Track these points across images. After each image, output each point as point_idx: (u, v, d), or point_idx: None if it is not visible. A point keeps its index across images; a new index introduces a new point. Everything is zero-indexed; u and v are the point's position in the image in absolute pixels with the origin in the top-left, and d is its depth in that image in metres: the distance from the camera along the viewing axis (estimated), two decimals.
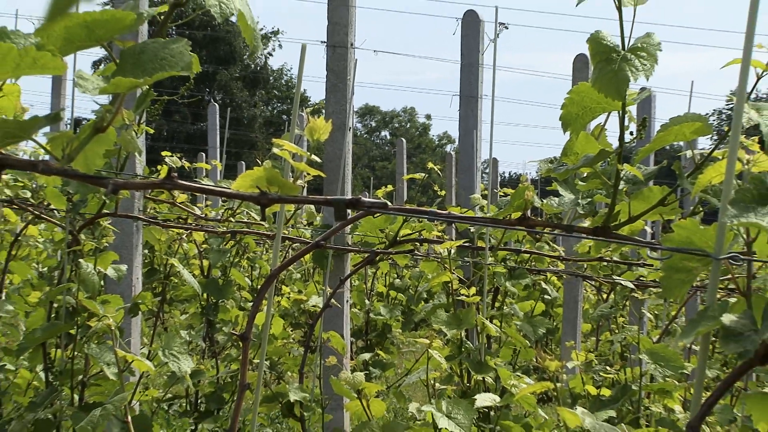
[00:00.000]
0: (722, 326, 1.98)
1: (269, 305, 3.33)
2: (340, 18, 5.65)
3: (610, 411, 3.17)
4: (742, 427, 3.73)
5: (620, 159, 2.37)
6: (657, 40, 2.33)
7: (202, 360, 6.82)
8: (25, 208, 5.29)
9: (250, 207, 6.42)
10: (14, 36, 1.66)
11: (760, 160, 2.27)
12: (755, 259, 2.17)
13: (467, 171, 6.95)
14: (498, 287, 5.86)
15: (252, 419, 3.15)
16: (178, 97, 4.30)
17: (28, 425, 3.90)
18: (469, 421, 3.70)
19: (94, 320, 3.69)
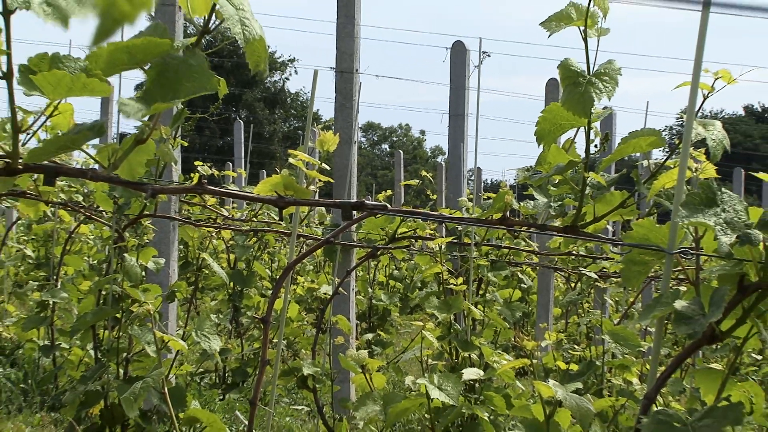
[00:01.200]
0: (675, 311, 1.98)
1: (286, 293, 3.33)
2: (346, 48, 5.65)
3: (578, 383, 3.16)
4: (691, 398, 3.72)
5: (586, 168, 2.37)
6: (617, 65, 2.32)
7: (229, 339, 6.82)
8: (77, 210, 5.29)
9: (270, 209, 6.42)
10: (66, 61, 1.66)
11: (707, 168, 2.27)
12: (702, 253, 2.17)
13: (455, 178, 6.95)
14: (481, 277, 5.85)
15: (271, 390, 3.15)
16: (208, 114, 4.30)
17: (80, 395, 3.90)
18: (457, 391, 3.70)
19: (137, 306, 3.69)
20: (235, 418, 4.89)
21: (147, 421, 3.91)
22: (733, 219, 1.97)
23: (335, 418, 5.48)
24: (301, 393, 5.97)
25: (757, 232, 1.95)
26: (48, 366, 5.75)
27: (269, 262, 7.65)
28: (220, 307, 7.27)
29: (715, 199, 2.00)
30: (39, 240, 7.36)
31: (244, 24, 1.84)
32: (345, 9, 5.65)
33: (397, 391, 4.09)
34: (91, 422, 3.93)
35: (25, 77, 1.66)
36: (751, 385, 2.79)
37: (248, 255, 6.85)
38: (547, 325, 6.90)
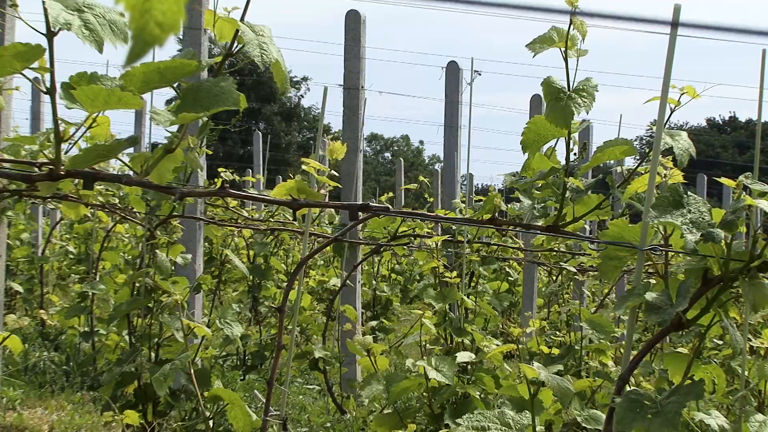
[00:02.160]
0: (646, 302, 1.98)
1: (300, 285, 3.32)
2: (353, 67, 5.65)
3: (559, 365, 3.15)
4: (659, 378, 3.72)
5: (566, 174, 2.36)
6: (594, 83, 2.32)
7: (248, 326, 6.81)
8: (114, 211, 5.29)
9: (285, 210, 6.41)
10: (103, 79, 1.65)
11: (674, 174, 2.26)
12: (671, 249, 2.16)
13: (450, 183, 6.94)
14: (473, 271, 5.85)
15: (286, 371, 3.14)
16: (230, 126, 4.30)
17: (116, 376, 3.90)
18: (452, 372, 3.69)
19: (166, 296, 3.69)
20: (254, 397, 4.89)
21: (175, 398, 3.91)
22: (698, 219, 1.96)
23: (343, 396, 5.47)
24: (313, 374, 5.97)
25: (719, 230, 1.94)
26: (87, 350, 5.75)
27: (284, 257, 7.64)
28: (241, 298, 7.27)
29: (682, 201, 1.99)
30: (80, 238, 7.36)
31: (262, 48, 1.84)
32: (352, 33, 5.65)
33: (399, 373, 4.08)
34: (125, 400, 3.93)
35: (66, 92, 1.66)
36: (714, 368, 2.78)
37: (266, 251, 6.85)
38: (531, 313, 6.89)
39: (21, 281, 7.16)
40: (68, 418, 4.66)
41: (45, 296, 7.02)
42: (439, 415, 3.92)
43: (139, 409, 3.80)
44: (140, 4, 0.71)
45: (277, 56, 1.86)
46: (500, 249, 6.49)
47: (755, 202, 1.96)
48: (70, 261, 7.53)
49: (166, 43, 0.75)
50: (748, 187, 2.04)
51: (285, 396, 2.93)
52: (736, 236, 2.00)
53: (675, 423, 1.83)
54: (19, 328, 2.91)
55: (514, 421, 2.53)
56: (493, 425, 2.43)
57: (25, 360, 5.62)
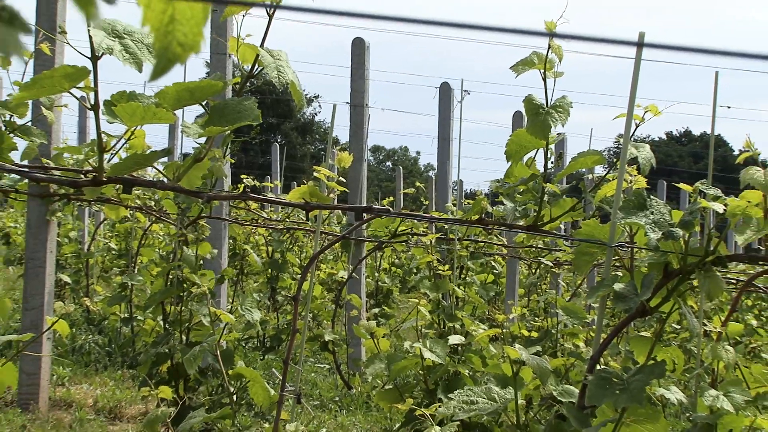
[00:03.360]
0: (614, 291, 1.97)
1: (312, 277, 3.31)
2: (358, 87, 5.64)
3: (537, 347, 3.14)
4: (624, 358, 3.70)
5: (545, 180, 2.36)
6: (569, 100, 2.32)
7: (267, 313, 6.80)
8: (150, 212, 5.29)
9: (299, 212, 6.41)
10: (141, 97, 1.65)
11: (639, 180, 2.26)
12: (636, 246, 2.15)
13: (443, 188, 6.93)
14: (463, 265, 5.84)
15: (300, 352, 3.13)
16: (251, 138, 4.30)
17: (152, 356, 3.89)
18: (444, 353, 3.69)
19: (195, 287, 3.68)
20: (272, 374, 4.88)
21: (204, 376, 3.90)
22: (660, 219, 1.96)
23: (350, 374, 5.47)
24: (323, 354, 5.97)
25: (679, 229, 1.94)
26: (127, 334, 5.75)
27: (298, 252, 7.63)
28: (261, 288, 7.26)
29: (646, 204, 1.99)
30: (120, 236, 7.35)
31: (279, 70, 1.84)
32: (357, 57, 5.65)
33: (398, 353, 4.08)
34: (160, 377, 3.92)
35: (108, 109, 1.66)
36: (673, 350, 2.77)
37: (282, 247, 6.84)
38: (513, 301, 6.88)
39: (69, 273, 7.16)
40: (110, 393, 4.65)
41: (90, 286, 7.02)
42: (433, 390, 3.91)
43: (172, 385, 3.80)
44: (164, 26, 0.70)
45: (293, 77, 1.86)
46: (486, 246, 6.49)
47: (709, 205, 1.96)
48: (111, 256, 7.53)
49: (187, 60, 0.74)
50: (703, 191, 2.04)
51: (299, 374, 2.93)
52: (693, 234, 2.00)
53: (639, 398, 1.82)
54: (66, 314, 2.90)
55: (499, 395, 2.53)
56: (480, 399, 2.42)
57: (72, 342, 5.62)
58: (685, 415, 4.86)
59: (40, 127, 3.65)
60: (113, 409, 4.39)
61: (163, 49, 0.71)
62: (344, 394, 5.10)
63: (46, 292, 4.15)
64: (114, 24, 1.49)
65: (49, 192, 4.06)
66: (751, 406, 2.83)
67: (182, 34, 0.71)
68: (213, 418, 3.28)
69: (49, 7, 3.99)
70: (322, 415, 4.61)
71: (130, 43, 1.49)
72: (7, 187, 3.80)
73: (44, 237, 4.16)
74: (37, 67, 3.74)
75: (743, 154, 2.06)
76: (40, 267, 4.15)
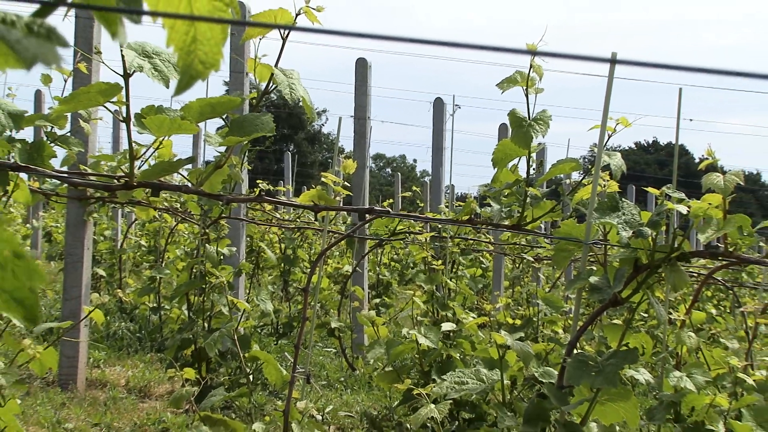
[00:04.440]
0: (589, 284, 1.96)
1: (320, 270, 3.31)
2: (361, 102, 5.64)
3: (521, 333, 3.14)
4: (598, 343, 3.70)
5: (527, 184, 2.35)
6: (549, 114, 2.31)
7: (280, 303, 6.80)
8: (176, 213, 5.28)
9: (309, 213, 6.40)
10: (168, 111, 1.65)
11: (611, 185, 2.25)
12: (609, 243, 2.15)
13: (436, 192, 6.93)
14: (454, 260, 5.83)
15: (309, 338, 3.12)
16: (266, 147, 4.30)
17: (178, 341, 3.89)
18: (438, 339, 3.68)
19: (215, 279, 3.67)
20: (285, 357, 4.87)
21: (223, 358, 3.90)
22: (631, 219, 1.95)
23: (354, 357, 5.46)
24: (330, 340, 5.96)
25: (647, 228, 1.93)
26: (155, 321, 5.74)
27: (308, 249, 7.62)
28: (274, 281, 7.25)
29: (618, 206, 1.98)
30: (149, 234, 7.34)
31: (291, 88, 1.83)
32: (360, 75, 5.64)
33: (396, 339, 4.07)
34: (185, 360, 3.91)
35: (138, 121, 1.65)
36: (642, 336, 2.77)
37: (294, 244, 6.83)
38: (499, 292, 6.87)
39: (104, 268, 7.15)
40: (140, 374, 4.64)
41: (122, 279, 7.01)
42: (428, 372, 3.90)
43: (195, 367, 3.79)
44: (186, 46, 0.70)
45: (303, 94, 1.85)
46: (475, 243, 6.48)
47: (675, 207, 1.95)
48: (142, 252, 7.52)
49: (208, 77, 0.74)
50: (669, 195, 2.03)
51: (308, 357, 2.92)
52: (660, 233, 1.99)
53: (614, 380, 1.81)
54: (101, 304, 2.89)
55: (487, 376, 2.52)
56: (470, 380, 2.41)
57: (106, 329, 5.61)
58: (652, 393, 4.85)
59: (78, 138, 3.65)
60: (143, 389, 4.38)
61: (186, 67, 0.70)
62: (349, 375, 5.09)
63: (84, 284, 4.14)
64: (144, 45, 1.48)
65: (86, 195, 4.05)
66: (711, 386, 2.82)
67: (203, 53, 0.71)
68: (232, 396, 3.28)
69: (86, 31, 3.99)
70: (329, 394, 4.60)
71: (158, 62, 1.48)
72: (48, 191, 3.79)
73: (82, 235, 4.15)
74: (75, 84, 3.74)
75: (705, 161, 2.06)
76: (78, 262, 4.14)
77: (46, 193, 3.80)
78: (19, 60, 0.43)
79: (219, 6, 0.70)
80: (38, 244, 10.51)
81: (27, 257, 0.50)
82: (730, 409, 2.75)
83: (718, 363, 3.04)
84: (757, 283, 7.50)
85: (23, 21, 0.47)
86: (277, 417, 2.85)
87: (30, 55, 0.43)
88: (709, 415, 2.70)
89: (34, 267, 0.50)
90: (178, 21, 0.69)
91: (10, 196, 2.70)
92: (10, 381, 2.20)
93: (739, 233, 1.97)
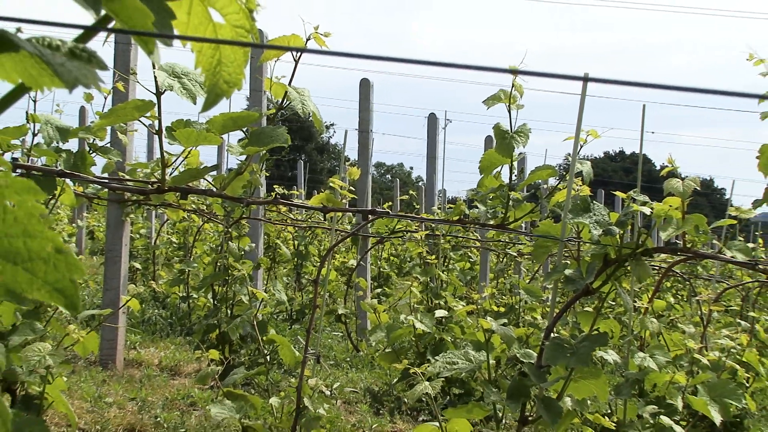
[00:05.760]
0: (565, 276, 1.96)
1: (328, 264, 3.30)
2: (365, 117, 5.63)
3: (504, 319, 3.13)
4: (572, 328, 3.69)
5: (510, 189, 2.34)
6: (528, 127, 2.30)
7: (293, 293, 6.79)
8: (202, 214, 5.27)
9: (319, 214, 6.39)
10: (195, 124, 1.64)
11: (584, 189, 2.24)
12: (582, 240, 2.14)
13: (430, 196, 6.92)
14: (446, 255, 5.82)
15: (319, 323, 3.12)
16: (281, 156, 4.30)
17: (204, 326, 3.88)
18: (432, 324, 3.68)
19: (237, 272, 3.66)
20: (297, 340, 4.87)
21: (244, 341, 3.89)
22: (601, 220, 1.94)
23: (358, 340, 5.45)
24: (337, 325, 5.95)
25: (615, 227, 1.92)
26: (184, 309, 5.74)
27: (318, 245, 7.62)
28: (288, 273, 7.25)
29: (590, 207, 1.97)
30: (179, 232, 7.33)
31: (303, 103, 1.83)
32: (364, 93, 5.64)
33: (395, 324, 4.07)
34: (210, 343, 3.91)
35: (169, 133, 1.65)
36: (611, 321, 2.76)
37: (305, 241, 6.82)
38: (485, 283, 6.85)
39: (140, 262, 7.14)
40: (171, 355, 4.64)
41: (156, 272, 7.00)
42: (423, 353, 3.90)
43: (219, 349, 3.79)
44: (212, 68, 0.70)
45: (314, 109, 1.85)
46: (464, 240, 6.48)
47: (639, 208, 1.95)
48: (173, 248, 7.51)
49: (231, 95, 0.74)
50: (634, 198, 2.03)
51: (318, 340, 2.91)
52: (626, 231, 1.99)
53: (586, 361, 1.81)
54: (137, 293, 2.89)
55: (475, 357, 2.51)
56: (460, 360, 2.40)
57: (142, 315, 5.60)
58: (619, 372, 4.84)
59: (117, 148, 3.64)
60: (174, 368, 4.37)
61: (212, 86, 0.70)
62: (354, 356, 5.08)
63: (122, 276, 4.14)
64: (173, 66, 1.48)
65: (123, 198, 4.05)
66: (670, 365, 2.82)
67: (227, 74, 0.71)
68: (251, 374, 3.27)
69: (124, 55, 3.99)
70: (337, 372, 4.60)
71: (186, 81, 1.48)
72: (91, 195, 3.79)
73: (120, 233, 4.15)
74: (114, 101, 3.73)
75: (666, 168, 2.05)
76: (117, 257, 4.14)
77: (89, 196, 3.80)
78: (62, 81, 0.43)
79: (241, 32, 0.69)
80: (82, 241, 10.50)
81: (68, 252, 0.50)
82: (687, 385, 2.75)
83: (677, 345, 3.04)
84: (710, 275, 7.50)
85: (67, 46, 0.46)
86: (290, 392, 2.84)
87: (72, 77, 0.43)
88: (669, 391, 2.70)
89: (73, 261, 0.50)
90: (205, 45, 0.69)
91: (57, 200, 2.70)
92: (57, 361, 2.20)
93: (695, 231, 1.97)
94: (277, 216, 6.63)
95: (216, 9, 0.68)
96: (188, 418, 3.34)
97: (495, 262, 8.27)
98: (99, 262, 8.45)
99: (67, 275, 0.49)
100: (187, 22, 0.66)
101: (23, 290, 0.49)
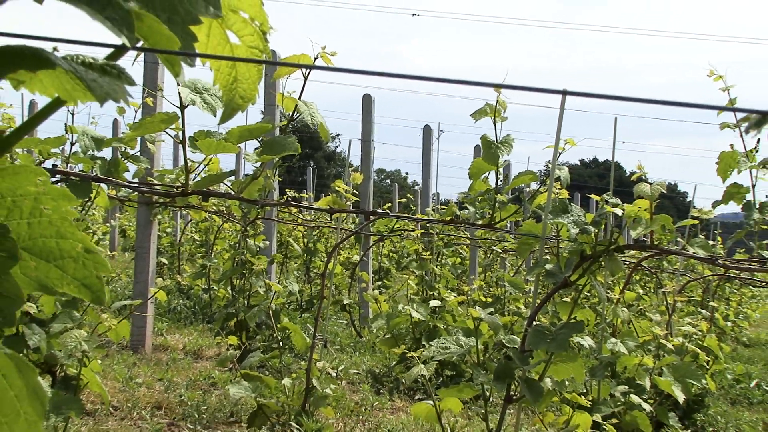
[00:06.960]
0: (546, 270, 1.95)
1: (335, 260, 3.30)
2: (367, 128, 5.62)
3: (491, 309, 3.12)
4: (551, 316, 3.68)
5: (496, 192, 2.34)
6: (512, 138, 2.30)
7: (303, 285, 6.78)
8: (222, 215, 5.27)
9: (326, 214, 6.38)
10: (215, 135, 1.64)
11: (562, 193, 2.24)
12: (561, 238, 2.13)
13: (425, 198, 6.91)
14: (439, 251, 5.82)
15: (326, 312, 3.11)
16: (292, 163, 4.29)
17: (224, 315, 3.87)
18: (427, 313, 3.67)
19: (254, 266, 3.66)
20: (307, 328, 4.86)
21: (259, 328, 3.88)
22: (578, 220, 1.94)
23: (361, 327, 5.45)
24: (342, 314, 5.94)
25: (591, 227, 1.92)
26: (206, 299, 5.73)
27: (325, 243, 7.60)
28: (299, 268, 7.24)
29: (568, 209, 1.97)
30: (202, 231, 7.32)
31: (312, 115, 1.82)
32: (366, 107, 5.63)
33: (394, 313, 4.06)
34: (229, 330, 3.90)
35: (192, 143, 1.64)
36: (587, 311, 2.76)
37: (314, 239, 6.81)
38: (474, 277, 6.85)
39: (166, 257, 7.13)
40: (194, 341, 4.63)
41: (180, 266, 6.99)
42: (419, 339, 3.90)
43: (237, 335, 3.78)
44: (229, 84, 0.70)
45: (321, 120, 1.84)
46: (456, 238, 6.47)
47: (612, 210, 1.94)
48: (195, 245, 7.50)
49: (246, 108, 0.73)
50: (607, 200, 2.02)
51: (325, 327, 2.91)
52: (600, 230, 1.98)
53: (564, 346, 1.80)
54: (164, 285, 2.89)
55: (465, 342, 2.50)
56: (452, 345, 2.40)
57: (168, 305, 5.59)
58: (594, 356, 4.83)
59: (145, 156, 3.64)
60: (196, 352, 4.37)
61: (229, 101, 0.70)
62: (357, 342, 5.07)
63: (150, 270, 4.13)
64: (195, 83, 1.48)
65: (152, 201, 4.04)
66: (639, 349, 2.81)
67: (242, 90, 0.70)
68: (266, 358, 3.26)
69: (152, 72, 3.99)
70: (342, 356, 4.59)
71: (206, 96, 1.47)
72: (123, 197, 3.79)
73: (149, 232, 4.14)
74: (143, 114, 3.73)
75: (635, 174, 2.05)
76: (146, 253, 4.13)
77: (121, 199, 3.79)
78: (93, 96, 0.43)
79: (255, 52, 0.69)
80: (115, 239, 10.51)
81: (95, 252, 0.49)
82: (654, 367, 2.74)
83: (645, 332, 3.03)
84: (675, 269, 7.49)
85: (99, 63, 0.46)
86: (301, 374, 2.83)
87: (103, 92, 0.42)
88: (638, 372, 2.69)
89: (100, 260, 0.50)
90: (222, 64, 0.69)
91: (93, 202, 2.70)
92: (92, 346, 2.19)
93: (662, 230, 1.96)
94: (288, 216, 6.63)
95: (233, 31, 0.67)
96: (209, 397, 3.33)
97: (483, 257, 8.26)
98: (130, 258, 8.44)
99: (94, 272, 0.49)
100: (207, 43, 0.66)
101: (54, 285, 0.49)
